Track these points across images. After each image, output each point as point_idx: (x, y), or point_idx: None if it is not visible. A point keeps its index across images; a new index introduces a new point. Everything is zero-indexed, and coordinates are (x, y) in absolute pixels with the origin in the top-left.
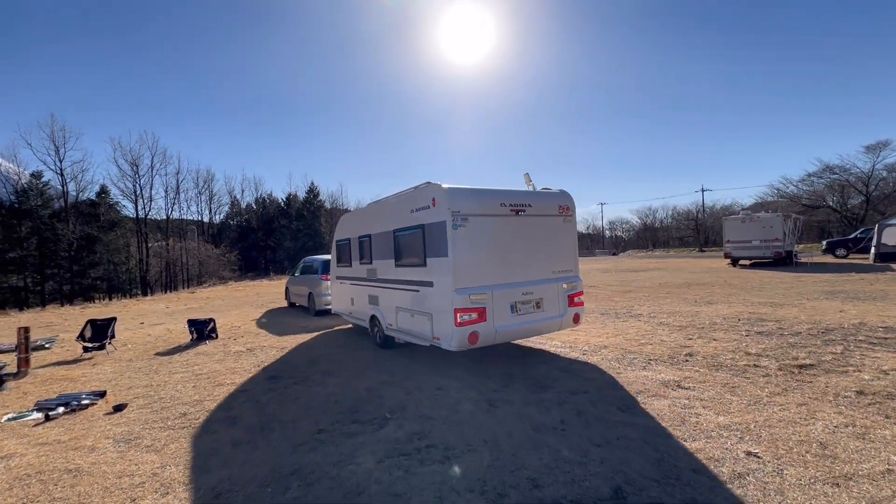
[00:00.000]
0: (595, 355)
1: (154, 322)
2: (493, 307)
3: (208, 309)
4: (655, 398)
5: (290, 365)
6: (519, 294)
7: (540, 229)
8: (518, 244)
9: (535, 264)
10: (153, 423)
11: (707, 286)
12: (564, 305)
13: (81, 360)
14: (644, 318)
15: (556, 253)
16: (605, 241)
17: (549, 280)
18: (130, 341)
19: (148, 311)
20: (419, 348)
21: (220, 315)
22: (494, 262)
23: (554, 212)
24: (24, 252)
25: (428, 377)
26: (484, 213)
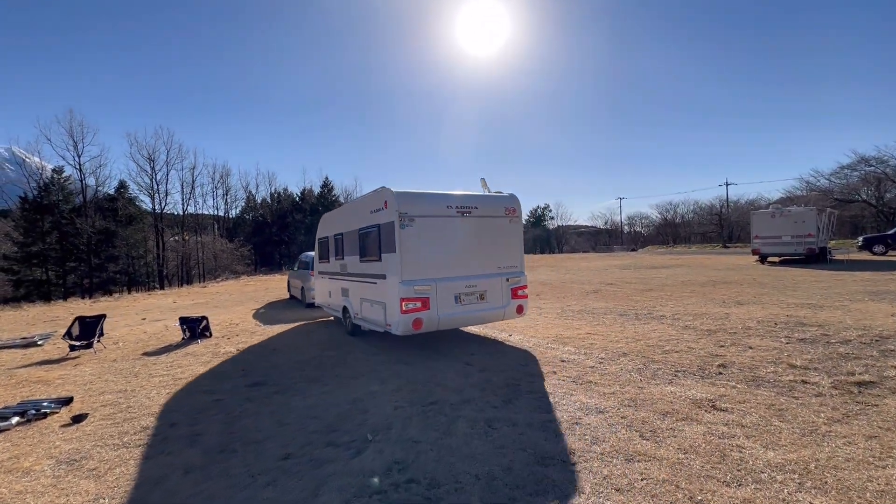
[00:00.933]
0: (613, 364)
1: (156, 318)
2: (437, 297)
3: (214, 304)
4: (686, 422)
5: (277, 370)
6: (462, 286)
7: (486, 229)
8: (463, 242)
9: (480, 260)
10: (108, 440)
11: (735, 285)
12: (508, 298)
13: (66, 360)
14: (667, 320)
15: (501, 250)
16: (624, 236)
17: (494, 275)
18: (124, 339)
19: (154, 307)
20: (419, 356)
21: (223, 311)
22: (440, 257)
23: (500, 213)
24: (47, 246)
25: (423, 387)
26: (430, 215)
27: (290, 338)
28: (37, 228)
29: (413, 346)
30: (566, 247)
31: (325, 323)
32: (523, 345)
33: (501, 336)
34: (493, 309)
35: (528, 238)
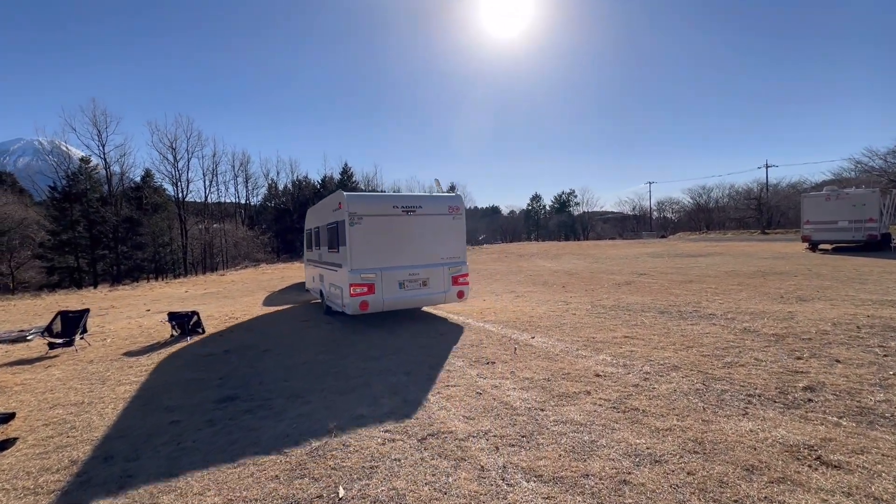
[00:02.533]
0: (663, 381)
1: (161, 309)
2: (382, 284)
3: (223, 294)
4: (787, 489)
5: (259, 378)
6: (406, 274)
7: (429, 225)
8: (407, 236)
9: (424, 252)
10: (18, 479)
11: (789, 276)
12: (449, 284)
13: (43, 360)
14: (719, 319)
15: (444, 243)
16: (653, 222)
17: (436, 265)
18: (116, 334)
19: (165, 296)
20: (424, 364)
21: (230, 302)
22: (385, 250)
23: (444, 211)
24: (76, 234)
25: (423, 413)
26: (377, 214)
27: (285, 334)
28: (66, 217)
29: (418, 352)
30: (592, 233)
31: (322, 316)
32: (549, 350)
33: (524, 337)
34: (435, 293)
35: (553, 224)
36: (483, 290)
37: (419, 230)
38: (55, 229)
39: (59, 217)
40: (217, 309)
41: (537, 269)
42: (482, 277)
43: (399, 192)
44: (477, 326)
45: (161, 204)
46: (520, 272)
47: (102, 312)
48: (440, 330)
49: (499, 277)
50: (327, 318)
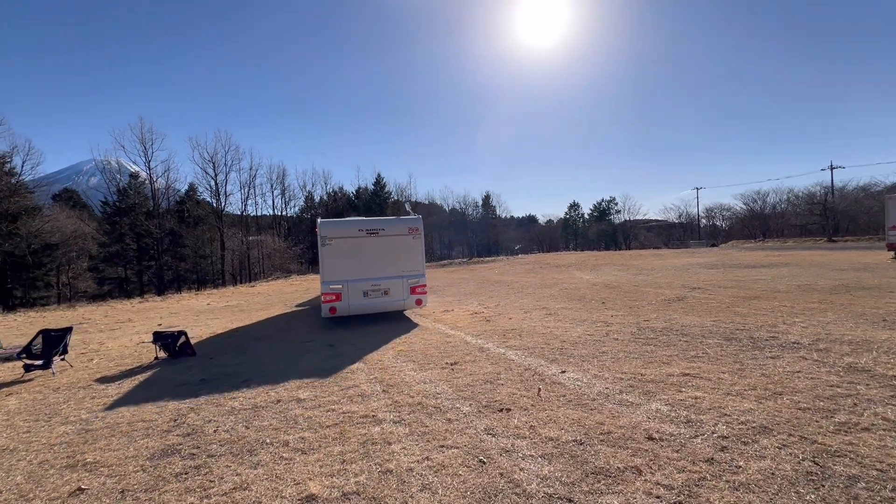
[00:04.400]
0: (751, 455)
1: (175, 323)
2: (348, 293)
3: (241, 308)
4: None
5: (221, 422)
6: (369, 285)
7: (390, 245)
8: (371, 254)
9: (385, 267)
10: None
11: (882, 292)
12: (407, 293)
13: (13, 384)
14: (808, 351)
15: (404, 260)
16: (701, 230)
17: (396, 277)
18: (106, 353)
19: (184, 309)
20: (417, 418)
21: (245, 315)
22: (351, 265)
23: (404, 232)
24: (124, 246)
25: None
26: (344, 237)
27: (275, 360)
28: (116, 230)
29: (419, 390)
30: (634, 242)
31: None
32: (583, 391)
33: (552, 371)
34: (395, 301)
35: (592, 233)
36: (510, 305)
37: (381, 249)
38: (106, 242)
39: (110, 230)
40: (226, 324)
41: (574, 282)
42: (512, 291)
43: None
44: (496, 354)
45: (202, 217)
46: (554, 285)
47: (116, 327)
48: (452, 355)
49: (530, 291)
50: (328, 334)
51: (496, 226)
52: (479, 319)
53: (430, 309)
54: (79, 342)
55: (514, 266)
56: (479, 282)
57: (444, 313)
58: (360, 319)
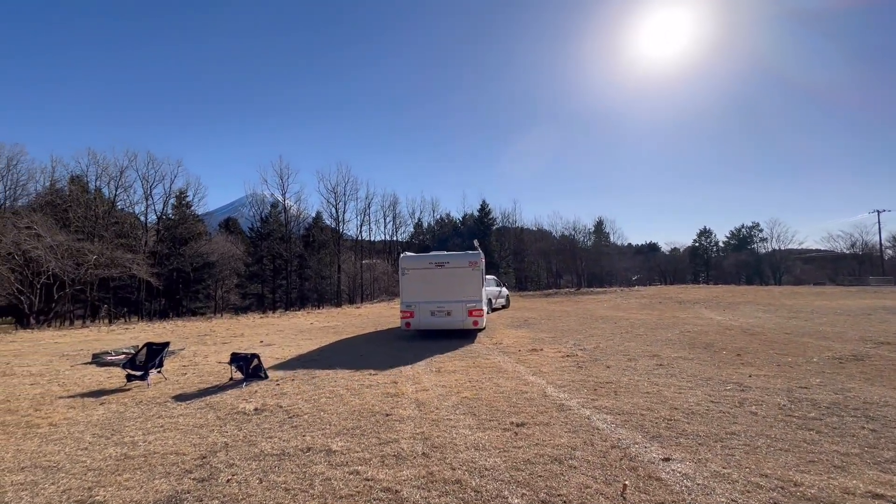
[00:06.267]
0: None
1: (275, 341)
2: (419, 312)
3: (337, 330)
4: None
5: (240, 469)
6: (435, 307)
7: (454, 275)
8: (438, 282)
9: (449, 293)
10: None
11: None
12: (466, 315)
13: (115, 392)
14: None
15: (465, 288)
16: (885, 263)
17: (457, 301)
18: (201, 369)
19: (289, 328)
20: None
21: (337, 336)
22: (422, 291)
23: (465, 265)
24: (263, 266)
25: None
26: (418, 268)
27: (340, 392)
28: (257, 253)
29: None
30: (787, 276)
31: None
32: (696, 501)
33: (650, 455)
34: (455, 320)
35: (729, 264)
36: (613, 349)
37: (446, 278)
38: (249, 262)
39: (253, 252)
40: (316, 344)
41: (700, 323)
42: (619, 331)
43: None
44: (578, 417)
45: (325, 241)
46: (673, 325)
47: (228, 340)
48: (523, 412)
49: (641, 332)
50: (397, 365)
51: (609, 254)
52: (569, 365)
53: (517, 344)
54: (190, 354)
55: (627, 299)
56: (583, 317)
57: (530, 353)
58: (438, 349)
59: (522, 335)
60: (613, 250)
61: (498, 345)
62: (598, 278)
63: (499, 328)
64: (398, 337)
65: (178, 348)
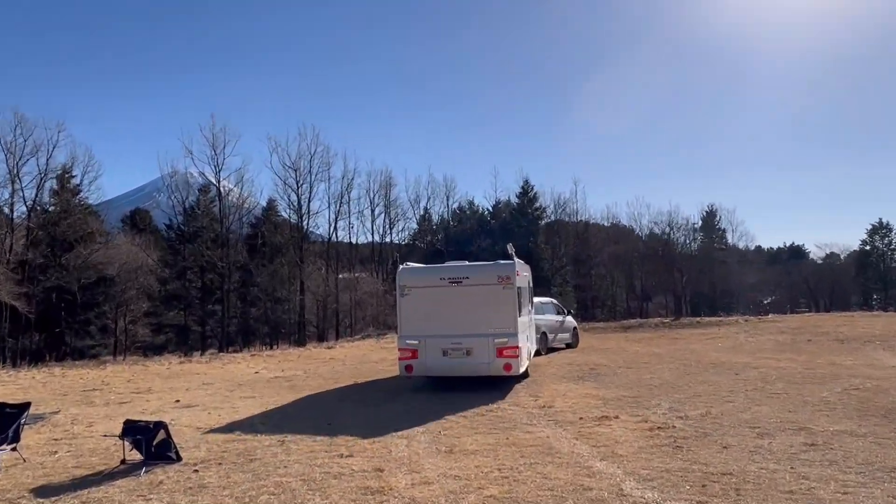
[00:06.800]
0: None
1: (195, 400)
2: (426, 350)
3: (300, 380)
4: None
5: None
6: (449, 343)
7: (476, 296)
8: (454, 307)
9: (469, 322)
10: None
11: None
12: (493, 356)
13: None
14: None
15: (492, 314)
16: None
17: (481, 335)
18: (78, 445)
19: (221, 379)
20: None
21: (294, 394)
22: (431, 319)
23: (492, 281)
24: (187, 283)
25: None
26: (424, 286)
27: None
28: (178, 263)
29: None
30: None
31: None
32: None
33: None
34: (478, 363)
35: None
36: (734, 417)
37: (465, 301)
38: (166, 276)
39: (172, 262)
40: (260, 405)
41: (876, 376)
42: (742, 386)
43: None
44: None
45: (280, 246)
46: (832, 378)
47: (126, 399)
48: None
49: (780, 391)
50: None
51: (727, 262)
52: (661, 444)
53: (577, 408)
54: (66, 420)
55: (756, 335)
56: (684, 363)
57: (598, 422)
58: (450, 410)
59: (586, 392)
60: (733, 257)
61: (546, 407)
62: (709, 301)
63: (548, 380)
64: (391, 393)
65: (50, 411)
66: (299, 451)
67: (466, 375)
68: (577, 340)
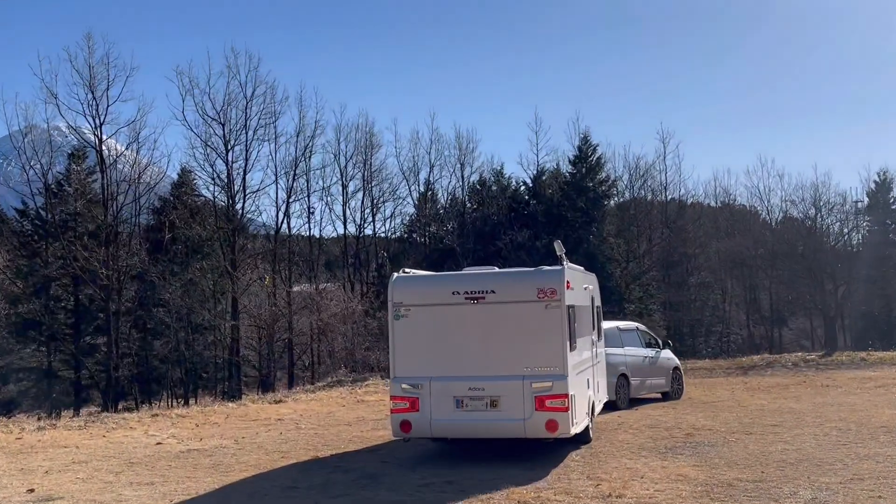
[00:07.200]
0: None
1: (58, 492)
2: (431, 399)
3: (232, 450)
4: None
5: None
6: (465, 388)
7: (506, 318)
8: (472, 335)
9: (495, 357)
10: None
11: None
12: (530, 408)
13: None
14: None
15: (528, 345)
16: None
17: (512, 377)
18: None
19: (102, 454)
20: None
21: (218, 477)
22: (438, 352)
23: (530, 297)
24: (51, 302)
25: None
26: (428, 304)
27: None
28: (37, 270)
29: None
30: None
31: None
32: None
33: None
34: (507, 420)
35: None
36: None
37: (489, 325)
38: (20, 291)
39: (28, 270)
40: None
41: None
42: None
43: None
44: None
45: (200, 241)
46: None
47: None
48: None
49: None
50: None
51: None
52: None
53: (660, 499)
54: None
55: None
56: (837, 426)
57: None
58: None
59: (678, 473)
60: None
61: (613, 497)
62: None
63: (618, 452)
64: (370, 473)
65: None
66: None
67: (491, 437)
68: (679, 388)
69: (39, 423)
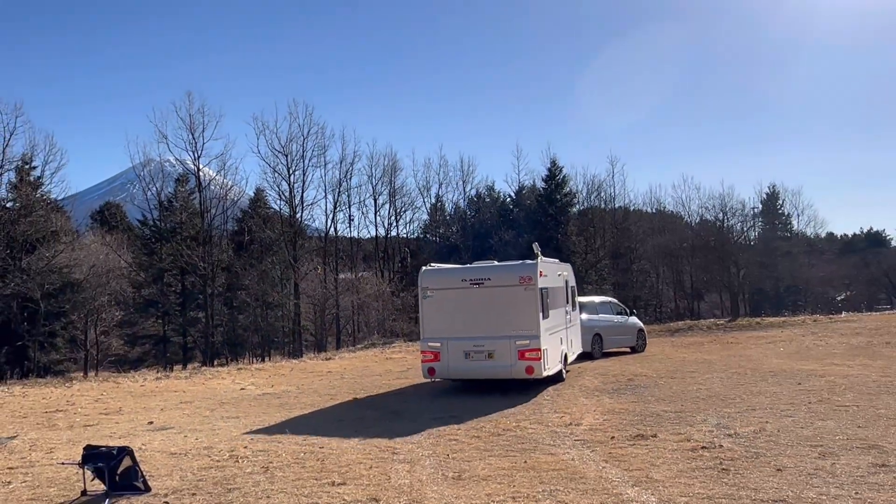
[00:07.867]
0: None
1: (170, 424)
2: (448, 353)
3: (292, 396)
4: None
5: None
6: (471, 346)
7: (498, 297)
8: (475, 309)
9: (490, 324)
10: None
11: None
12: (514, 358)
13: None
14: None
15: (513, 316)
16: None
17: (503, 337)
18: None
19: (201, 396)
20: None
21: (284, 412)
22: (452, 321)
23: (514, 282)
24: (164, 287)
25: None
26: (446, 287)
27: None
28: (154, 264)
29: None
30: None
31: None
32: None
33: None
34: (500, 366)
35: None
36: (790, 434)
37: (486, 302)
38: (141, 280)
39: (148, 263)
40: (244, 426)
41: None
42: (804, 399)
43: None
44: None
45: (271, 242)
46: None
47: (93, 421)
48: None
49: (848, 403)
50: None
51: (791, 253)
52: (704, 465)
53: (608, 425)
54: (25, 446)
55: (825, 337)
56: (737, 371)
57: (631, 442)
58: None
59: (621, 407)
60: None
61: (573, 425)
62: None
63: (578, 393)
64: (394, 410)
65: (7, 436)
66: (285, 478)
67: (488, 378)
68: (643, 343)
69: (157, 375)
